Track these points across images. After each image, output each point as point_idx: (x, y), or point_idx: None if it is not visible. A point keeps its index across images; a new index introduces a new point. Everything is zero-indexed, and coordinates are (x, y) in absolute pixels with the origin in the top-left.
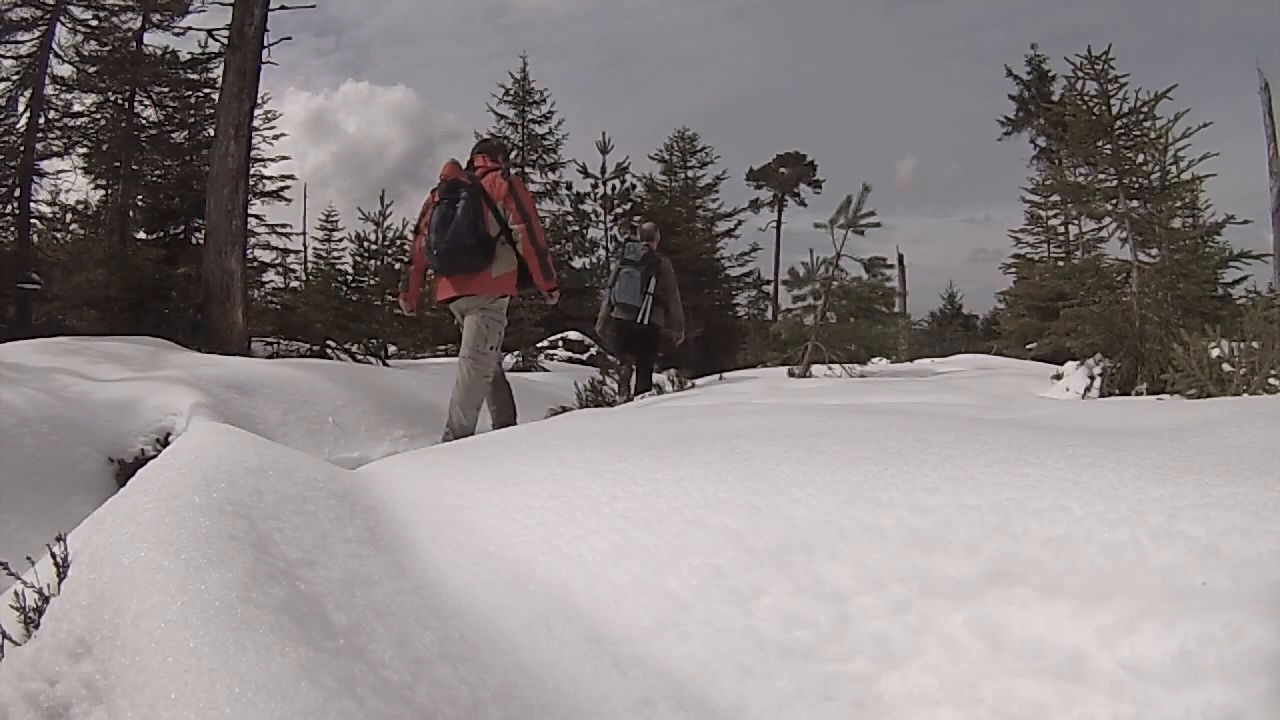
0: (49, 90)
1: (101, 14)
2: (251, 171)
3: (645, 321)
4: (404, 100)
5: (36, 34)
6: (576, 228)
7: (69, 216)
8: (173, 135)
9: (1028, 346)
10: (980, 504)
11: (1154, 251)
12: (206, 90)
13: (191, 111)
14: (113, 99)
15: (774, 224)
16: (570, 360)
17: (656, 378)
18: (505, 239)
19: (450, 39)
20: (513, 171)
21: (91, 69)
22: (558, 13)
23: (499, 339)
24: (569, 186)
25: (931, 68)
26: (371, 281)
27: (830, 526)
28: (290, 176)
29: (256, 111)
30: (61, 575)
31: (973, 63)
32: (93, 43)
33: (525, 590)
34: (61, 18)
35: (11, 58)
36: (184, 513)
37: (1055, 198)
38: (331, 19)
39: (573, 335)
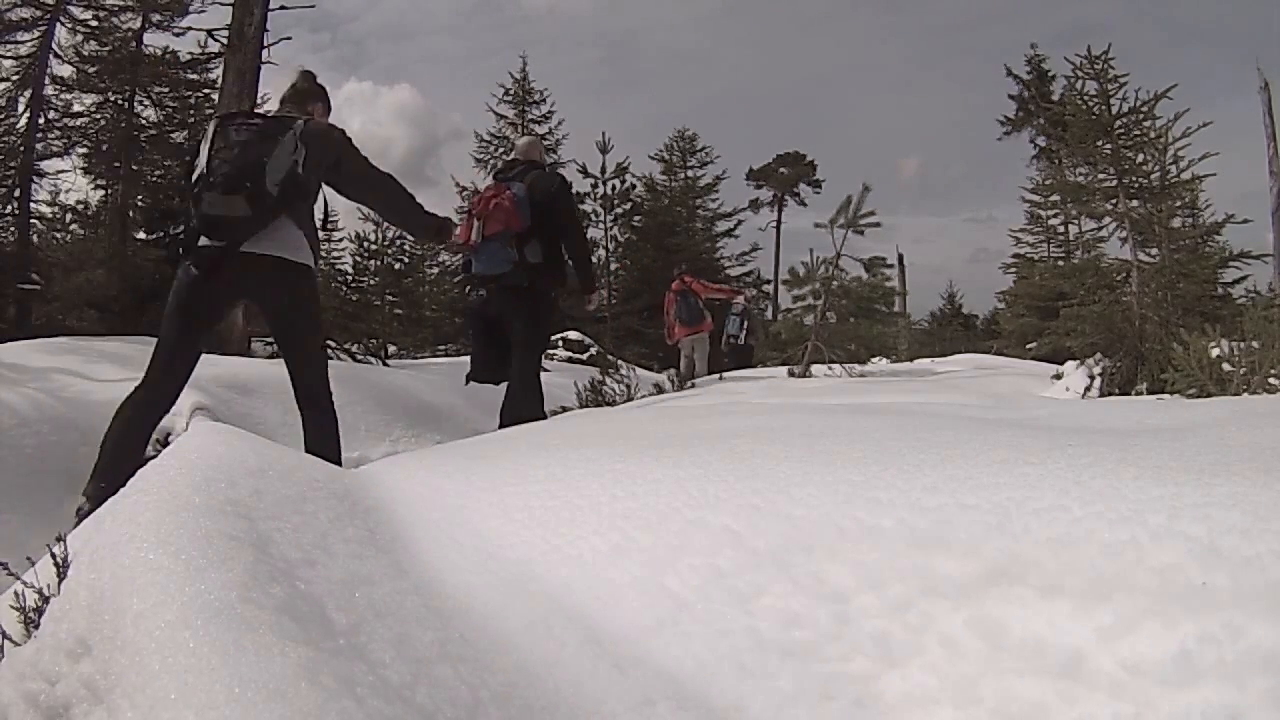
0: (49, 90)
1: (101, 14)
2: None
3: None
4: (407, 99)
5: (36, 34)
6: None
7: (69, 216)
8: (173, 135)
9: (1028, 346)
10: (980, 504)
11: (1154, 251)
12: (206, 90)
13: (191, 111)
14: (113, 99)
15: (774, 224)
16: (570, 360)
17: (657, 377)
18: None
19: (447, 34)
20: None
21: (91, 69)
22: (556, 7)
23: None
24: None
25: (935, 65)
26: (371, 281)
27: (830, 526)
28: None
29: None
30: (61, 575)
31: (977, 60)
32: (93, 43)
33: (525, 590)
34: (61, 18)
35: (11, 58)
36: (184, 513)
37: (1055, 198)
38: (326, 14)
39: (573, 335)
